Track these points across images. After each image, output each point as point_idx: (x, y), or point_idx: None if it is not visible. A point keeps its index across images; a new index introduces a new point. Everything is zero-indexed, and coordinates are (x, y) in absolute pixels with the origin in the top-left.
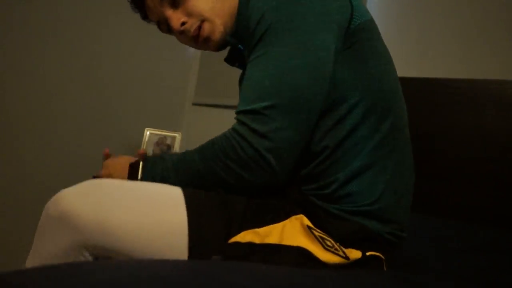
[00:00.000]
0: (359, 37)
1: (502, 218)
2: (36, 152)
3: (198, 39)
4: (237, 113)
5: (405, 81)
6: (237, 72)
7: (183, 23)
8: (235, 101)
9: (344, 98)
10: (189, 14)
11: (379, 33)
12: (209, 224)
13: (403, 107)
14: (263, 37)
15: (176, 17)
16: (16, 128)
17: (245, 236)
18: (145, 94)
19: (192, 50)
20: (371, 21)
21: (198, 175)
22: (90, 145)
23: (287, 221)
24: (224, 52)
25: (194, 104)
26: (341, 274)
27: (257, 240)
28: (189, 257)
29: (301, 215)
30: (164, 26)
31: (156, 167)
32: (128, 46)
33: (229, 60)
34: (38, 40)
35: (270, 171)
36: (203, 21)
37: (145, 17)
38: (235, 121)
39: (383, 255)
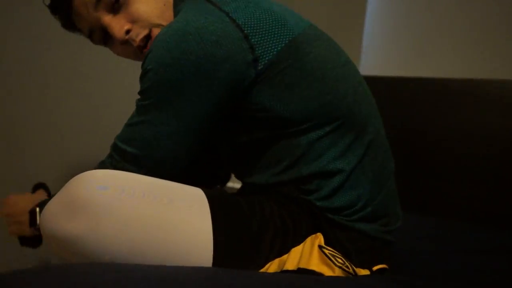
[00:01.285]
0: (278, 69)
1: (502, 218)
2: (35, 152)
3: (143, 49)
4: (115, 139)
5: (405, 81)
6: None
7: (127, 31)
8: None
9: (290, 124)
10: (134, 21)
11: (308, 47)
12: (237, 244)
13: (362, 101)
14: (146, 91)
15: (118, 24)
16: (15, 128)
17: (270, 268)
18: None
19: None
20: (291, 42)
21: None
22: (90, 145)
23: (305, 243)
24: None
25: None
26: (345, 278)
27: (279, 269)
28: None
29: (315, 234)
30: (98, 35)
31: None
32: None
33: None
34: (38, 40)
35: None
36: (151, 28)
37: (67, 25)
38: None
39: (386, 262)
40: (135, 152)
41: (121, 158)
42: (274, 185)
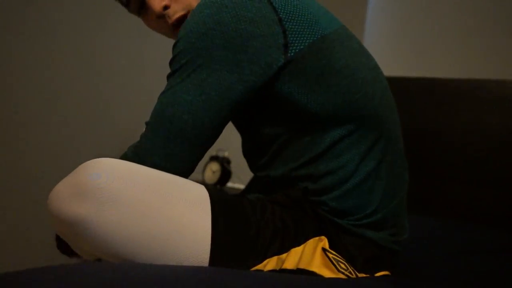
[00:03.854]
0: (309, 61)
1: (502, 218)
2: (35, 152)
3: (176, 28)
4: None
5: (405, 81)
6: None
7: (165, 7)
8: None
9: (315, 119)
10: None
11: (339, 46)
12: (235, 241)
13: (387, 106)
14: (174, 60)
15: None
16: (16, 128)
17: (268, 264)
18: (145, 93)
19: None
20: (323, 38)
21: None
22: (90, 145)
23: (306, 244)
24: None
25: None
26: (344, 279)
27: (278, 267)
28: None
29: (319, 237)
30: (136, 4)
31: None
32: (129, 44)
33: None
34: (38, 39)
35: None
36: (189, 10)
37: None
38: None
39: (390, 269)
40: (150, 121)
41: (143, 133)
42: (289, 179)
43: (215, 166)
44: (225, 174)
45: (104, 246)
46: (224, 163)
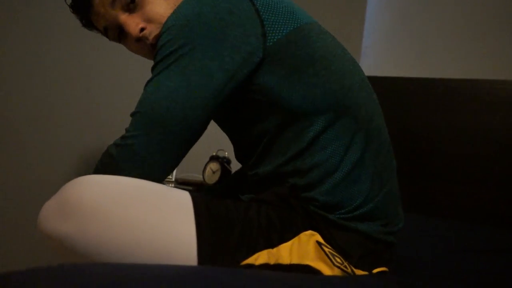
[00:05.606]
0: (286, 51)
1: (502, 218)
2: (36, 153)
3: (155, 47)
4: None
5: (405, 81)
6: None
7: (142, 29)
8: None
9: (297, 112)
10: (149, 20)
11: (315, 36)
12: (221, 239)
13: (366, 97)
14: (159, 51)
15: (133, 22)
16: (17, 130)
17: (259, 258)
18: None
19: None
20: (300, 29)
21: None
22: (90, 146)
23: (295, 239)
24: None
25: None
26: (344, 277)
27: (271, 261)
28: None
29: (311, 231)
30: (114, 32)
31: None
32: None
33: None
34: (38, 39)
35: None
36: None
37: (87, 24)
38: None
39: (387, 264)
40: (135, 111)
41: (129, 126)
42: (277, 176)
43: (215, 166)
44: (225, 174)
45: (91, 259)
46: (224, 163)
